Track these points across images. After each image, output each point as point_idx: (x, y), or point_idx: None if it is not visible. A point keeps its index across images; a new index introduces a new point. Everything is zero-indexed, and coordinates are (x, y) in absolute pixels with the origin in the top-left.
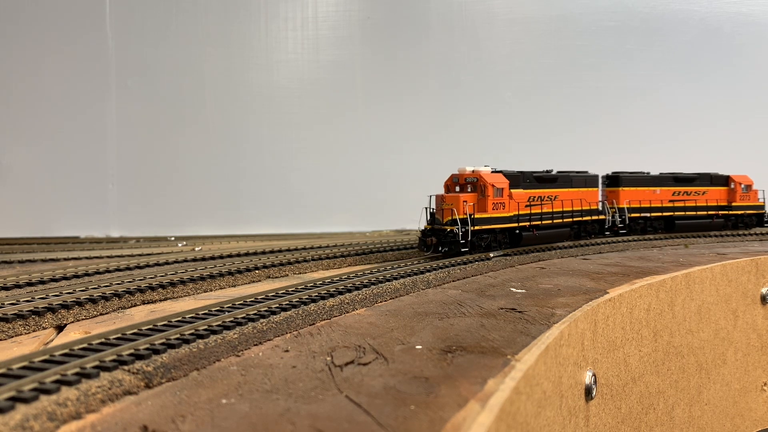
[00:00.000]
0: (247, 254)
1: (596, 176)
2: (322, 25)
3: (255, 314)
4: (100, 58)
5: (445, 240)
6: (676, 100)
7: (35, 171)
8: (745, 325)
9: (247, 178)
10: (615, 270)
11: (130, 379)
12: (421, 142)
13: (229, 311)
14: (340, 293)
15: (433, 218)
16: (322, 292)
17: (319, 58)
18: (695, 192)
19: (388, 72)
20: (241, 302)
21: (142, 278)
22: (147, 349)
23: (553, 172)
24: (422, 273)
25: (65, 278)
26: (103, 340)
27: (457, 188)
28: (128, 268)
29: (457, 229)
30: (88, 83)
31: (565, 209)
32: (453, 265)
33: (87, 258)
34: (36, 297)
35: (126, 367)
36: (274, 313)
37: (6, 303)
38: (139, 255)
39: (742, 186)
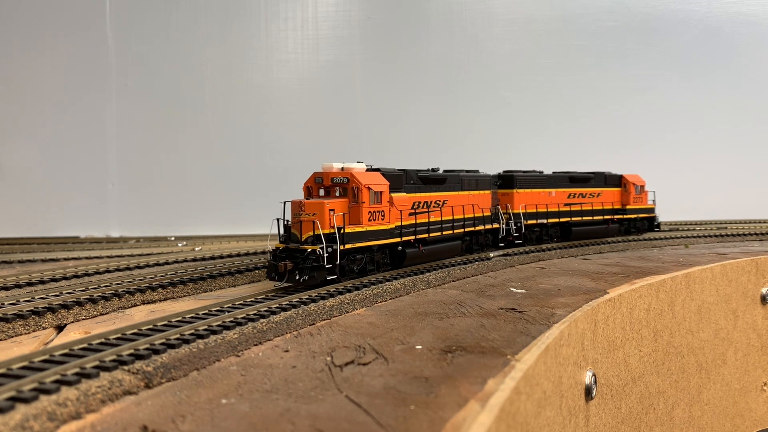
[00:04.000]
0: (247, 254)
1: (489, 177)
2: (322, 25)
3: (255, 314)
4: (100, 58)
5: (304, 264)
6: (675, 100)
7: (35, 171)
8: (745, 325)
9: (247, 178)
10: (615, 270)
11: (130, 379)
12: (421, 141)
13: (229, 311)
14: (340, 293)
15: (288, 233)
16: (322, 292)
17: (319, 58)
18: (590, 194)
19: (388, 72)
20: (241, 302)
21: (142, 278)
22: (147, 349)
23: (440, 171)
24: (422, 273)
25: (65, 278)
26: (103, 340)
27: (322, 191)
28: (128, 268)
29: (322, 248)
30: (88, 83)
31: (455, 217)
32: (452, 266)
33: (87, 258)
34: (36, 297)
35: (126, 367)
36: (274, 313)
37: (6, 303)
38: (139, 255)
39: (636, 187)
